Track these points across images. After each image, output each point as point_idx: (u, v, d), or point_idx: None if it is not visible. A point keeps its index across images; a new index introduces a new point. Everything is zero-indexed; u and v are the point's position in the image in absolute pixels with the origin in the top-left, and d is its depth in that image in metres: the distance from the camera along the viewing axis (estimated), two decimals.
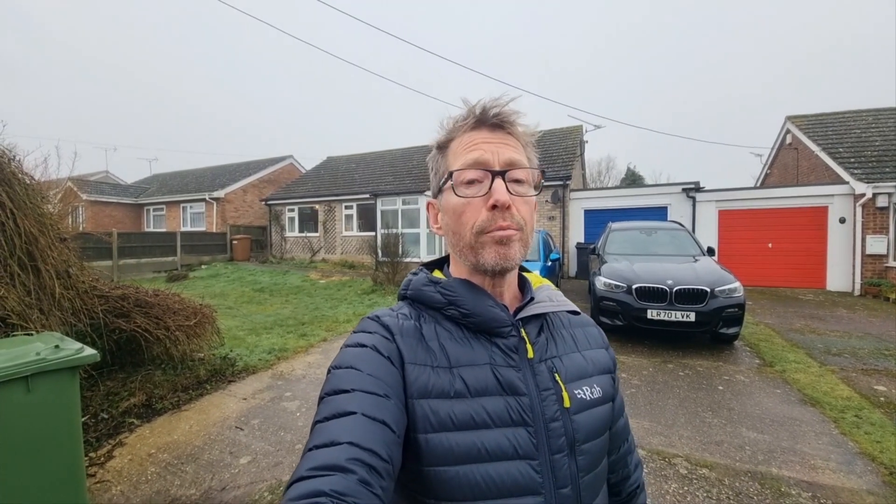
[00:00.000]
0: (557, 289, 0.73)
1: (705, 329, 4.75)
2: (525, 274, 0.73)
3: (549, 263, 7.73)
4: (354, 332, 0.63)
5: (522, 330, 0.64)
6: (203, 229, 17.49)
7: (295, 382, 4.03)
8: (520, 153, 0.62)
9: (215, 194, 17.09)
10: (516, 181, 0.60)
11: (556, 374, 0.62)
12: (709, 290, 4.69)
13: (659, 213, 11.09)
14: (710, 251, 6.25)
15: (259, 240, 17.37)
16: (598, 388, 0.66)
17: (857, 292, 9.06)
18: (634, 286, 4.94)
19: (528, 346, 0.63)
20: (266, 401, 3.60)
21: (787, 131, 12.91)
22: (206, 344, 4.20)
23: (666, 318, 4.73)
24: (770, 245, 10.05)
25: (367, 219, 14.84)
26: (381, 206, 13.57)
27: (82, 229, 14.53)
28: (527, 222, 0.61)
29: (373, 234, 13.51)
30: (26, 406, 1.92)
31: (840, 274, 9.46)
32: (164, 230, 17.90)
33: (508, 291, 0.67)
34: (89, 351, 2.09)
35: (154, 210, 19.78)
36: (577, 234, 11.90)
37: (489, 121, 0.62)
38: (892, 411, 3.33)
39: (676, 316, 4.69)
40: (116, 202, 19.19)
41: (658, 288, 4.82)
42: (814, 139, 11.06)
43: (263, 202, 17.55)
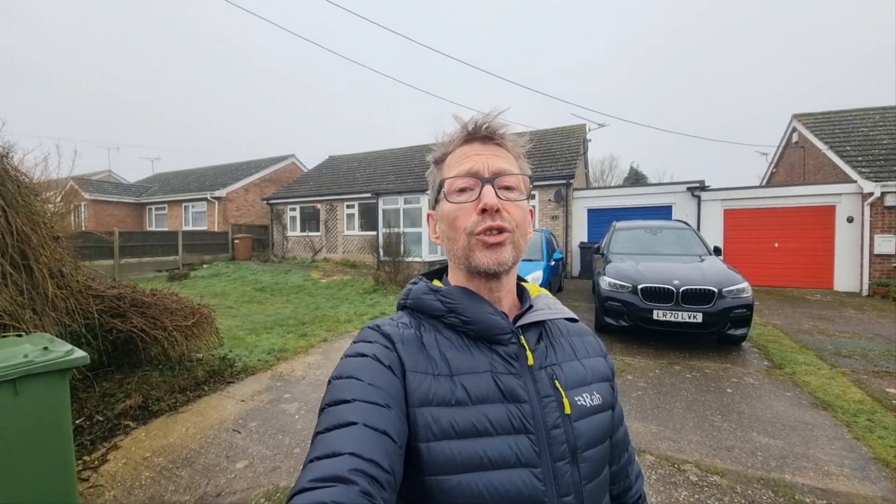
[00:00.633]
0: (555, 297, 0.74)
1: (713, 330, 4.66)
2: (523, 283, 0.75)
3: (553, 263, 7.64)
4: (355, 342, 0.63)
5: (522, 337, 0.64)
6: (205, 228, 17.49)
7: (294, 384, 3.96)
8: (509, 163, 0.65)
9: (217, 193, 17.07)
10: (506, 188, 0.63)
11: (557, 381, 0.63)
12: (716, 290, 4.60)
13: (663, 212, 10.98)
14: (717, 251, 6.15)
15: (261, 239, 17.35)
16: (597, 396, 0.66)
17: (864, 293, 8.94)
18: (640, 286, 4.85)
19: (528, 353, 0.63)
20: (265, 403, 3.53)
21: (794, 129, 12.78)
22: (204, 344, 4.14)
23: (672, 319, 4.64)
24: (776, 245, 9.93)
25: (368, 218, 14.79)
26: (383, 205, 13.51)
27: (84, 228, 14.57)
28: (518, 225, 0.63)
29: (374, 233, 13.46)
30: (13, 410, 1.86)
31: (848, 274, 9.34)
32: (166, 229, 17.92)
33: (507, 299, 0.68)
34: (79, 353, 2.02)
35: (156, 209, 19.80)
36: (580, 234, 11.81)
37: (479, 134, 0.65)
38: None
39: (683, 317, 4.60)
40: (119, 201, 19.21)
41: (664, 288, 4.73)
42: (821, 137, 10.93)
43: (265, 201, 17.52)
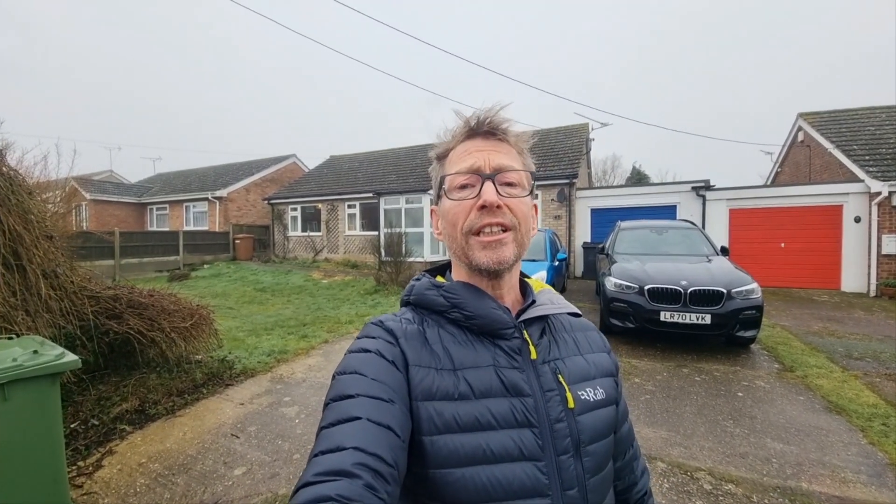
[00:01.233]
0: (559, 293, 0.74)
1: (721, 332, 4.57)
2: (527, 279, 0.74)
3: (557, 263, 7.56)
4: (358, 338, 0.63)
5: (525, 332, 0.64)
6: (206, 228, 17.45)
7: (294, 386, 3.88)
8: (512, 158, 0.64)
9: (218, 193, 17.03)
10: (508, 184, 0.62)
11: (560, 376, 0.63)
12: (725, 291, 4.50)
13: (668, 212, 10.88)
14: (724, 251, 6.06)
15: (262, 239, 17.30)
16: (601, 390, 0.66)
17: (872, 293, 8.82)
18: (647, 287, 4.76)
19: (531, 347, 0.63)
20: (264, 406, 3.46)
21: (799, 128, 12.65)
22: (203, 346, 4.07)
23: (680, 321, 4.55)
24: (783, 245, 9.81)
25: (370, 218, 14.71)
26: (385, 205, 13.43)
27: (85, 228, 14.54)
28: (520, 222, 0.62)
29: (376, 233, 13.38)
30: (2, 416, 1.78)
31: (855, 274, 9.22)
32: (167, 229, 17.89)
33: (510, 294, 0.68)
34: (71, 357, 1.95)
35: (157, 209, 19.78)
36: (583, 234, 11.71)
37: (482, 129, 0.64)
38: None
39: (691, 318, 4.51)
40: (120, 201, 19.20)
41: (672, 289, 4.64)
42: (827, 136, 10.82)
43: (266, 201, 17.46)
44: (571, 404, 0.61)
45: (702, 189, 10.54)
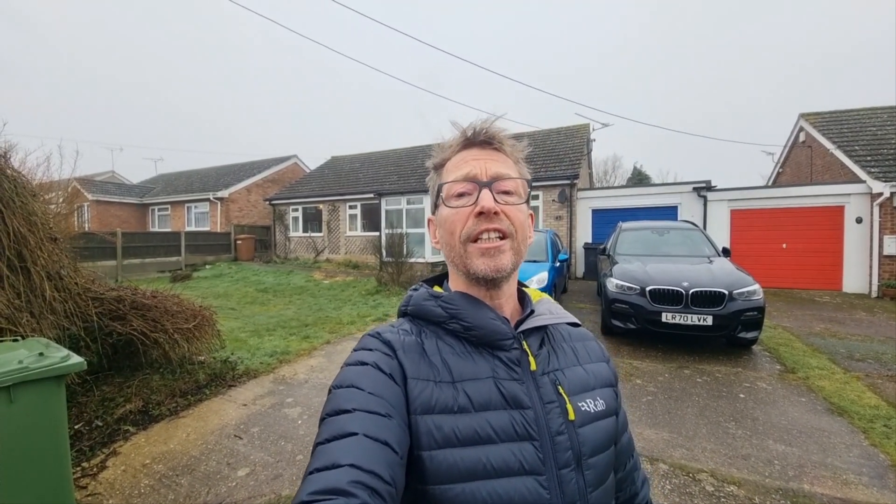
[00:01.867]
0: (560, 298, 0.71)
1: (723, 333, 4.57)
2: (525, 289, 0.74)
3: (558, 264, 7.55)
4: (355, 350, 0.62)
5: (524, 343, 0.63)
6: (207, 229, 17.47)
7: (297, 387, 3.89)
8: (508, 167, 0.65)
9: (219, 194, 17.05)
10: (505, 192, 0.63)
11: (560, 387, 0.62)
12: (727, 292, 4.50)
13: (669, 212, 10.87)
14: (726, 252, 6.06)
15: (263, 240, 17.32)
16: (601, 401, 0.65)
17: (874, 294, 8.80)
18: (648, 288, 4.76)
19: (531, 358, 0.62)
20: (267, 407, 3.47)
21: (801, 129, 12.64)
22: (206, 347, 4.08)
23: (682, 322, 4.55)
24: (784, 245, 9.80)
25: (371, 219, 14.72)
26: (386, 205, 13.43)
27: (87, 229, 14.58)
28: (517, 230, 0.62)
29: (377, 233, 13.38)
30: (8, 418, 1.80)
31: (856, 275, 9.20)
32: (169, 230, 17.92)
33: (508, 304, 0.67)
34: (76, 359, 1.96)
35: (159, 210, 19.82)
36: (584, 234, 11.71)
37: (478, 139, 0.65)
38: None
39: (693, 319, 4.51)
40: (122, 202, 19.25)
41: (673, 290, 4.64)
42: (829, 137, 10.80)
43: (267, 202, 17.49)
44: (572, 416, 0.60)
45: (703, 189, 10.53)
